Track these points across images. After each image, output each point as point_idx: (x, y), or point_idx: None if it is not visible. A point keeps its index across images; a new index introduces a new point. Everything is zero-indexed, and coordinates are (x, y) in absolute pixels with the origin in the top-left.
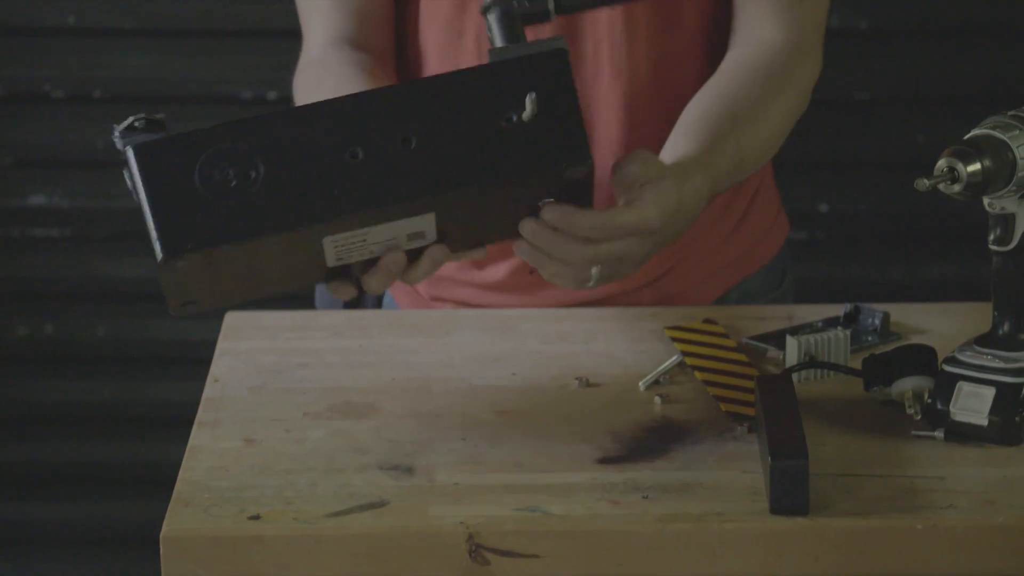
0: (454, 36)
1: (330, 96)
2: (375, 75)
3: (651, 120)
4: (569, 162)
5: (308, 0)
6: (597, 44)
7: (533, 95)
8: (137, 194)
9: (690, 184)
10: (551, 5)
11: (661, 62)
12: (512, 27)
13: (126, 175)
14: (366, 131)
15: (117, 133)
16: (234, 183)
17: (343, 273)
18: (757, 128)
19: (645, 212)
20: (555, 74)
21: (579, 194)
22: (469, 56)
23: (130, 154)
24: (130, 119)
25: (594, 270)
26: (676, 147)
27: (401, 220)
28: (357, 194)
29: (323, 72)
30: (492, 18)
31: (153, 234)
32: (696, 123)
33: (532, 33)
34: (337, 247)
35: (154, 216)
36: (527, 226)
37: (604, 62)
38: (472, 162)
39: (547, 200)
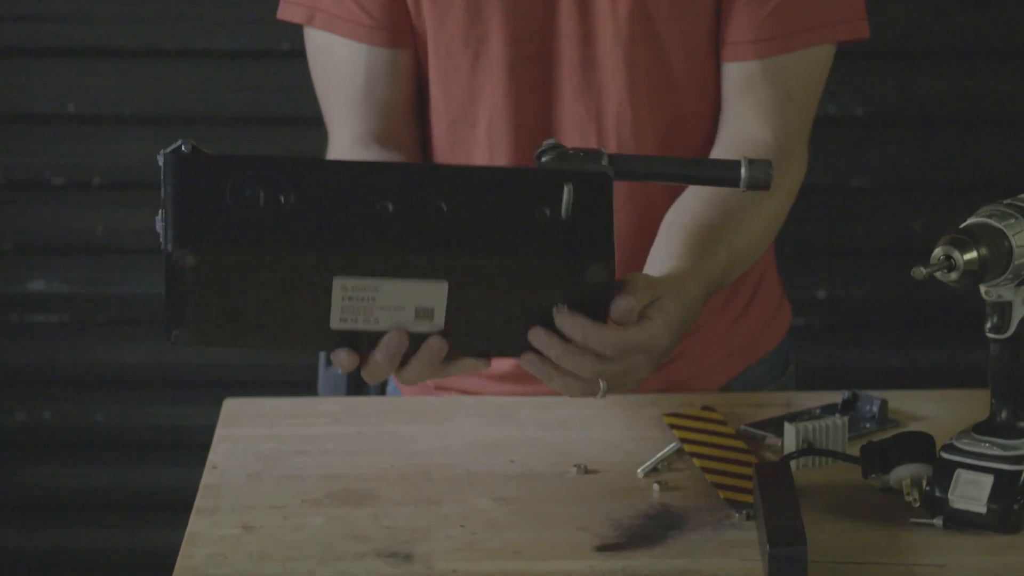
0: (467, 126)
1: None
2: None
3: (658, 209)
4: (591, 260)
5: (332, 95)
6: (604, 138)
7: (571, 186)
8: (164, 201)
9: (688, 295)
10: (607, 167)
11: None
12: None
13: (161, 195)
14: (402, 191)
15: (162, 154)
16: (263, 203)
17: (346, 342)
18: (746, 232)
19: (655, 331)
20: (595, 191)
21: (594, 307)
22: (481, 146)
23: (166, 160)
24: (178, 142)
25: (602, 383)
26: (669, 257)
27: (414, 281)
28: (378, 236)
29: None
30: (546, 164)
31: (169, 232)
32: (688, 231)
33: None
34: (345, 297)
35: (175, 212)
36: (538, 334)
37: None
38: (497, 235)
39: (560, 307)
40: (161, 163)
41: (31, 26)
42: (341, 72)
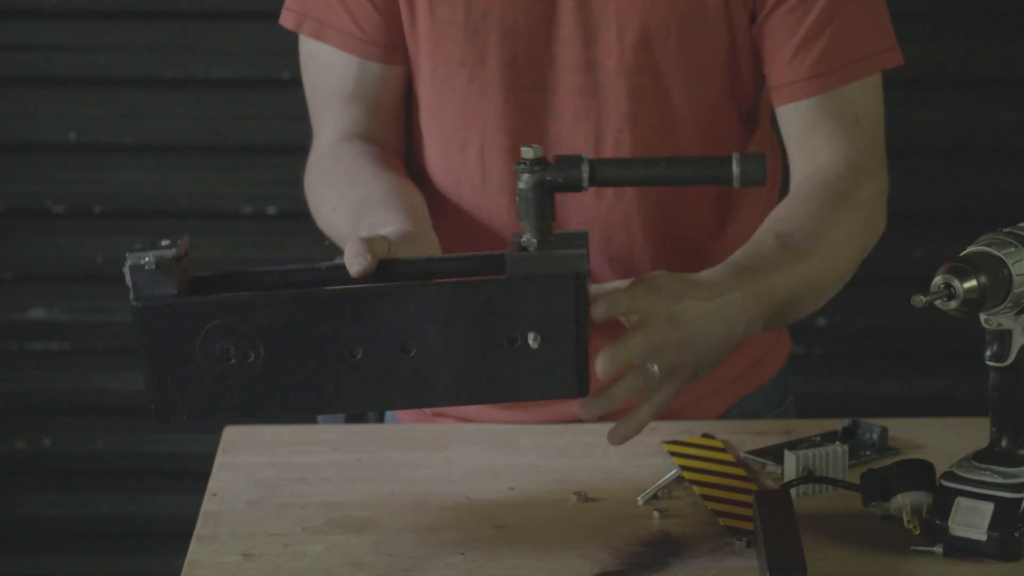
0: (458, 147)
1: (339, 184)
2: (385, 165)
3: (653, 243)
4: (561, 395)
5: (320, 95)
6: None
7: (536, 336)
8: (140, 350)
9: (696, 278)
10: (584, 181)
11: (669, 188)
12: (542, 196)
13: (131, 299)
14: (368, 329)
15: (127, 266)
16: (232, 361)
17: None
18: (809, 243)
19: (639, 293)
20: (565, 299)
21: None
22: (472, 168)
23: (137, 314)
24: (143, 256)
25: (652, 366)
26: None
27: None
28: (350, 397)
29: (333, 164)
30: (525, 181)
31: (150, 394)
32: (749, 247)
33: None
34: None
35: (150, 380)
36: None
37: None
38: (467, 381)
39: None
40: (129, 282)
41: (32, 55)
42: (332, 76)
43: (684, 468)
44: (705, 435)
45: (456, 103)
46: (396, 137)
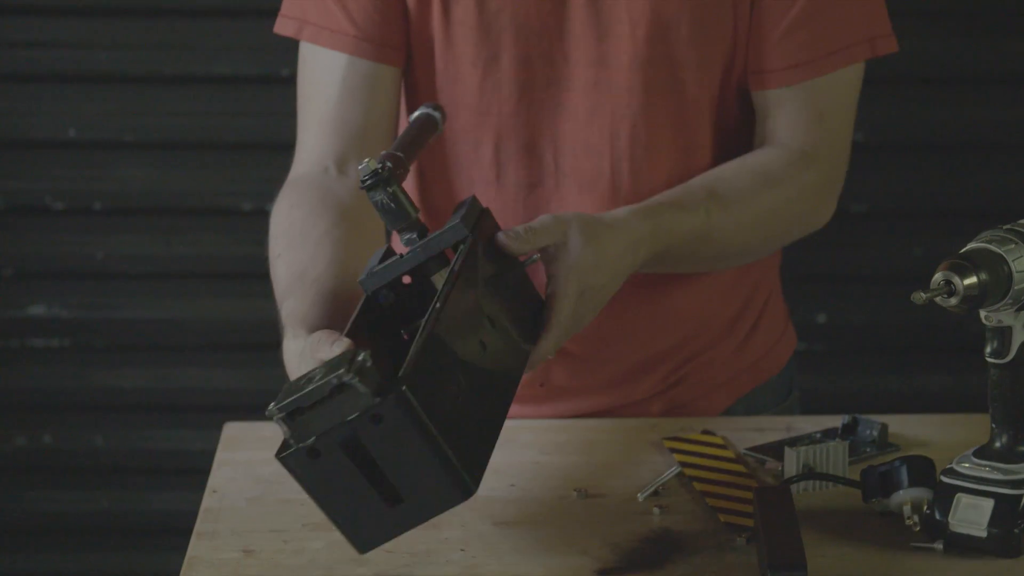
0: (470, 146)
1: (290, 233)
2: (340, 221)
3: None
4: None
5: (307, 107)
6: (616, 161)
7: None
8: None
9: (613, 235)
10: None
11: (685, 181)
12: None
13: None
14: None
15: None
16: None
17: None
18: (734, 208)
19: (560, 305)
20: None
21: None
22: (486, 166)
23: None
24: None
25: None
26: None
27: None
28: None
29: (296, 200)
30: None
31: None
32: (673, 189)
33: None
34: None
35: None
36: None
37: (624, 178)
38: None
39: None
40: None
41: (32, 52)
42: (319, 84)
43: (684, 465)
44: (705, 432)
45: (469, 102)
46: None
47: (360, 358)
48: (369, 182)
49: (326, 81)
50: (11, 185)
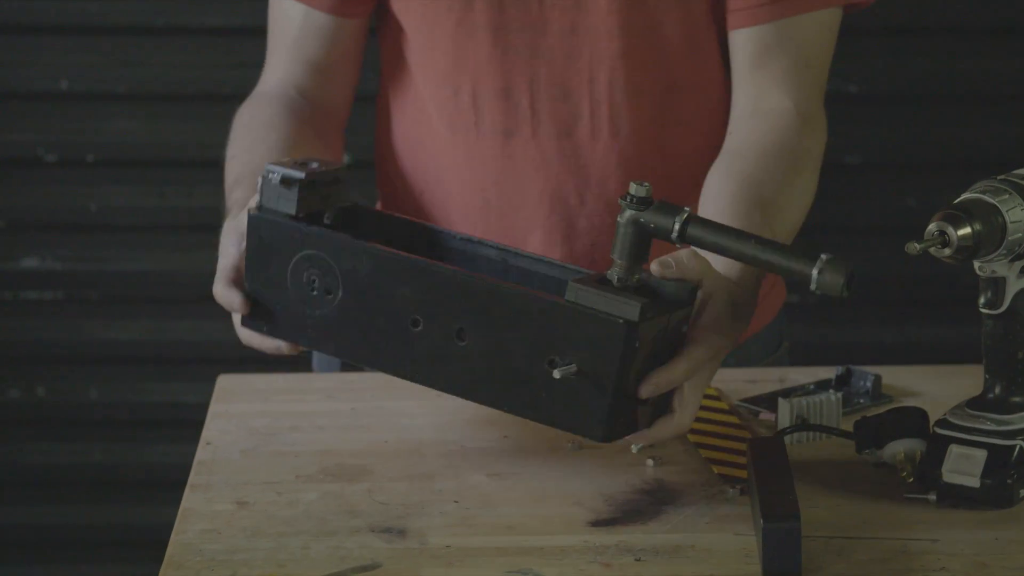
0: (449, 92)
1: (245, 139)
2: (295, 130)
3: (650, 180)
4: (584, 434)
5: (273, 38)
6: (595, 105)
7: (574, 368)
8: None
9: (739, 291)
10: (675, 232)
11: (664, 124)
12: (637, 235)
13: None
14: (434, 304)
15: (262, 174)
16: (315, 292)
17: None
18: (785, 213)
19: (701, 350)
20: (612, 341)
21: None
22: (465, 112)
23: (248, 222)
24: (274, 169)
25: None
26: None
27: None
28: (402, 363)
29: (256, 112)
30: (622, 216)
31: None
32: (731, 213)
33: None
34: None
35: (249, 285)
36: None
37: (603, 123)
38: (503, 387)
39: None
40: (258, 182)
41: (24, 3)
42: (281, 22)
43: None
44: None
45: (444, 47)
46: (337, 96)
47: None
48: (627, 201)
49: (287, 20)
50: (3, 137)
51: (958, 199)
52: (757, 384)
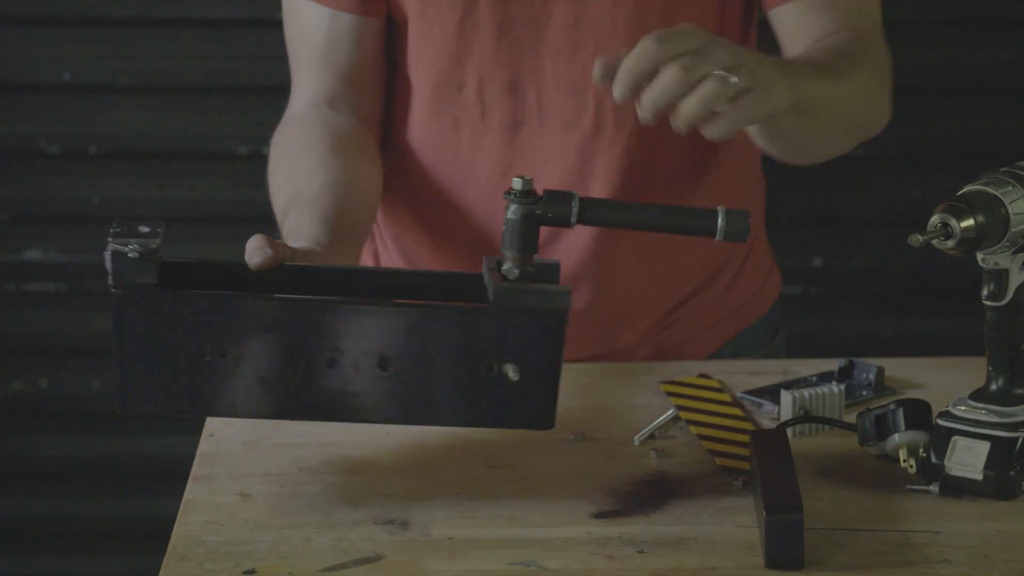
0: (453, 89)
1: (289, 164)
2: (337, 146)
3: (651, 170)
4: (531, 427)
5: (297, 54)
6: (602, 100)
7: (515, 368)
8: (113, 338)
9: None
10: (573, 217)
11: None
12: (528, 228)
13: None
14: (347, 342)
15: (109, 251)
16: (207, 357)
17: None
18: (843, 80)
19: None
20: (550, 332)
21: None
22: (469, 108)
23: (116, 302)
24: (126, 243)
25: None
26: None
27: None
28: (323, 407)
29: (293, 135)
30: (513, 212)
31: (117, 384)
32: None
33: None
34: None
35: (121, 368)
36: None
37: (608, 115)
38: (441, 403)
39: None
40: (109, 268)
41: None
42: (305, 34)
43: (681, 408)
44: (702, 375)
45: (448, 42)
46: (370, 102)
47: None
48: (513, 196)
49: (312, 31)
50: (6, 129)
51: (961, 191)
52: (760, 376)
